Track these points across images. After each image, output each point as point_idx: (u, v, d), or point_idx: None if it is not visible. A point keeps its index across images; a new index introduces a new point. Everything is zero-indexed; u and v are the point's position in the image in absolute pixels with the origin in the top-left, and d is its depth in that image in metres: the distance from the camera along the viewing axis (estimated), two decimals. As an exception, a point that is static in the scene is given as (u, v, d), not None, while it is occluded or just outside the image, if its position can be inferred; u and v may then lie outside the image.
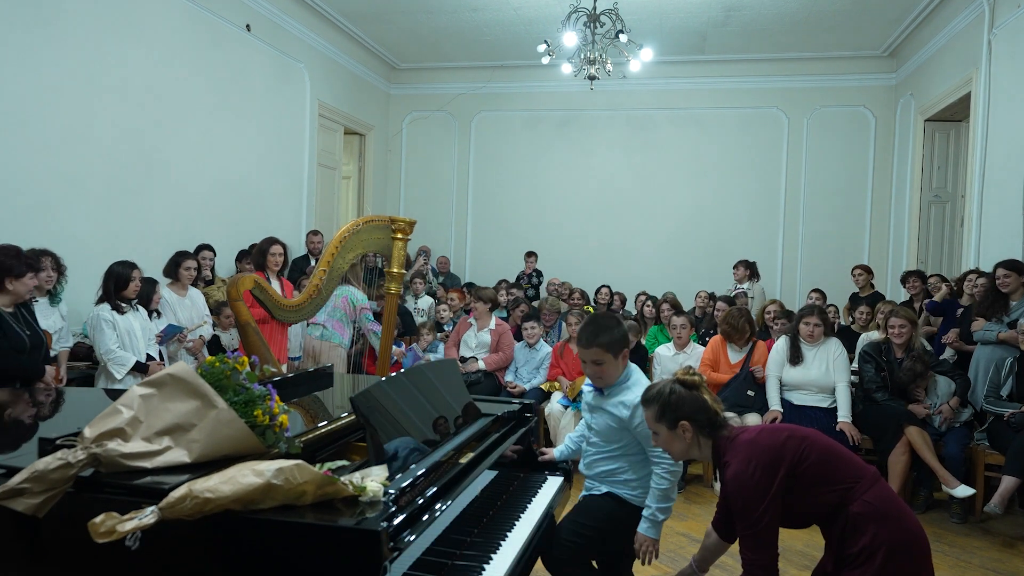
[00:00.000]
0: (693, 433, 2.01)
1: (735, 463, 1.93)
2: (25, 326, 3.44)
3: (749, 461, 1.91)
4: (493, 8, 7.57)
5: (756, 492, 1.88)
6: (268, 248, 4.80)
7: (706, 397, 2.03)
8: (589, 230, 9.40)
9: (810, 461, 1.92)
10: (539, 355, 5.49)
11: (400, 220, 3.60)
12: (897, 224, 8.42)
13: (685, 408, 2.00)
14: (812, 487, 1.92)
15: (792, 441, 1.94)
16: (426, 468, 1.77)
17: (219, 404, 1.60)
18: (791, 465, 1.91)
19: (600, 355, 2.28)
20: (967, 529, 4.12)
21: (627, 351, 2.34)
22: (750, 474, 1.89)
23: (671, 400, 2.02)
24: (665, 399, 2.02)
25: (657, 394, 2.04)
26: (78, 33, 4.94)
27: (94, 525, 1.36)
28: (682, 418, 2.00)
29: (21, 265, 3.32)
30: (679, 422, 2.01)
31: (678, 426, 2.01)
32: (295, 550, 1.39)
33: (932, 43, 7.31)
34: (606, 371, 2.30)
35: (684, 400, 2.01)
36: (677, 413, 2.01)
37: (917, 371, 4.39)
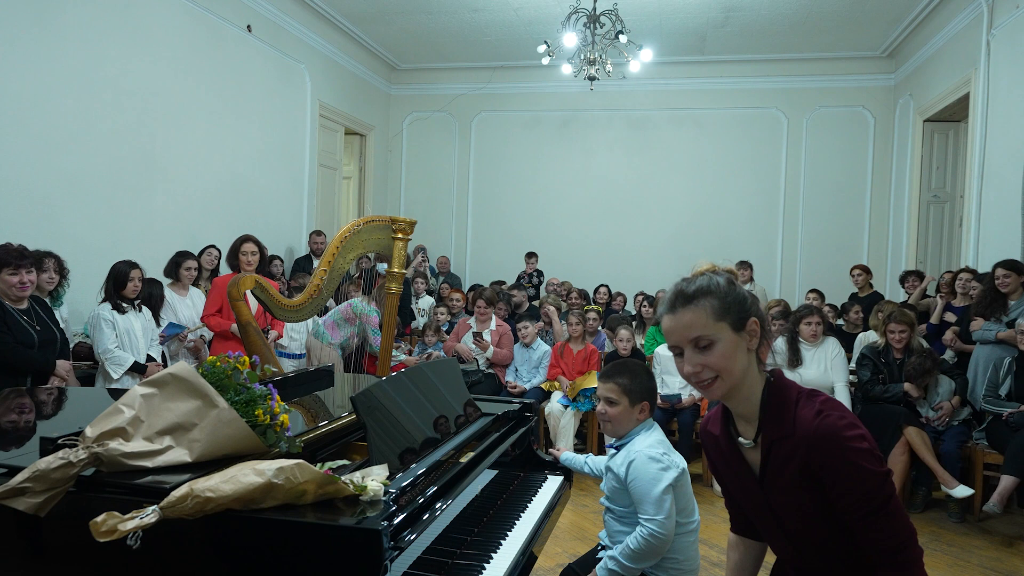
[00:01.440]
0: (757, 339, 1.40)
1: (831, 413, 1.33)
2: (36, 321, 3.48)
3: (847, 420, 1.33)
4: (493, 9, 7.58)
5: (871, 453, 1.30)
6: (239, 247, 4.62)
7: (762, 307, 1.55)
8: (589, 230, 9.41)
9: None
10: (536, 354, 5.50)
11: (401, 220, 3.60)
12: (896, 224, 8.43)
13: (751, 305, 1.40)
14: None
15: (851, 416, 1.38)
16: (426, 467, 1.78)
17: (220, 404, 1.61)
18: None
19: (615, 394, 2.15)
20: (965, 528, 4.12)
21: (647, 405, 2.18)
22: (859, 429, 1.31)
23: (734, 291, 1.39)
24: (724, 289, 1.39)
25: (708, 283, 1.40)
26: (79, 34, 4.95)
27: (95, 524, 1.36)
28: (753, 315, 1.39)
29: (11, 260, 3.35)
30: (748, 320, 1.38)
31: (747, 325, 1.38)
32: (296, 549, 1.40)
33: (931, 44, 7.32)
34: (617, 415, 2.17)
35: (750, 300, 1.41)
36: (744, 307, 1.38)
37: (927, 367, 4.41)
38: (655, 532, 2.01)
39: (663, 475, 2.08)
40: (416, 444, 1.93)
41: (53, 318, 3.73)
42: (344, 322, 5.15)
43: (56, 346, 3.63)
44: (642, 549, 2.03)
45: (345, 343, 5.22)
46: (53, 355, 3.57)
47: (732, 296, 1.39)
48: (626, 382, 2.16)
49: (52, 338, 3.60)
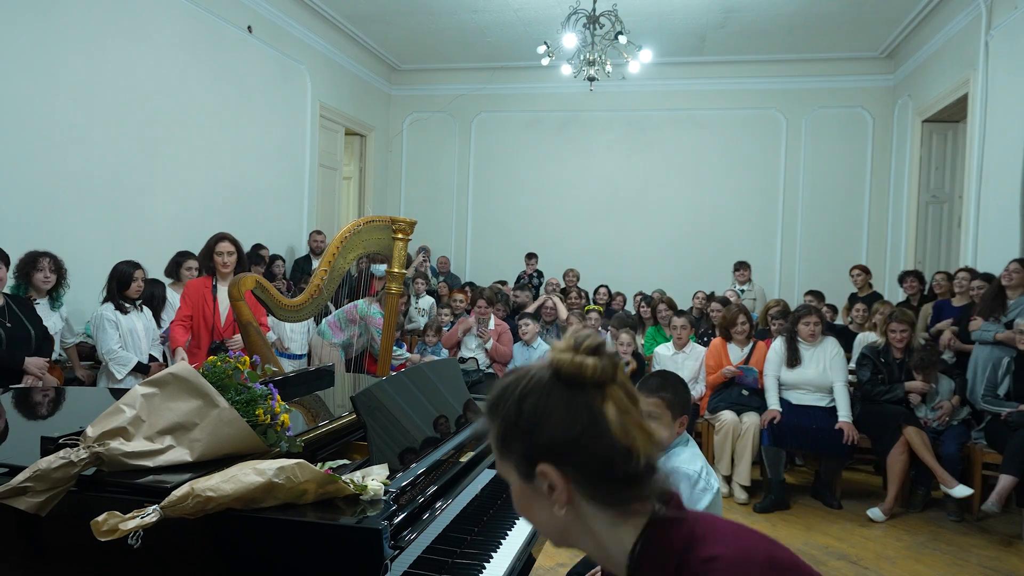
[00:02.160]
0: (568, 495, 0.91)
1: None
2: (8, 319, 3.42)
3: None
4: (493, 9, 7.58)
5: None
6: (214, 246, 4.06)
7: (627, 420, 0.89)
8: (588, 230, 9.41)
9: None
10: (536, 353, 5.51)
11: (401, 220, 3.61)
12: (895, 224, 8.43)
13: (549, 432, 0.89)
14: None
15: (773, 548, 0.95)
16: (427, 467, 1.78)
17: (221, 403, 1.61)
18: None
19: (659, 408, 2.08)
20: (964, 527, 4.13)
21: (686, 418, 2.15)
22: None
23: (522, 407, 0.91)
24: (510, 404, 0.93)
25: (502, 390, 0.95)
26: (80, 34, 4.95)
27: (96, 524, 1.37)
28: (543, 456, 0.90)
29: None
30: (536, 463, 0.91)
31: (536, 472, 0.91)
32: (296, 549, 1.40)
33: (930, 44, 7.33)
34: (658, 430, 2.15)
35: (552, 412, 0.90)
36: (534, 439, 0.91)
37: (932, 359, 4.45)
38: None
39: (701, 496, 2.03)
40: (416, 444, 1.94)
41: (33, 316, 3.66)
42: (348, 323, 5.16)
43: (31, 344, 3.54)
44: None
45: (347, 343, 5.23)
46: (25, 353, 3.49)
47: (518, 417, 0.91)
48: (670, 396, 2.11)
49: (25, 336, 3.51)
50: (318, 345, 5.14)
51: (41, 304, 4.13)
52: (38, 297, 4.11)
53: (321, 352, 5.11)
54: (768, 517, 4.28)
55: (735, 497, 4.58)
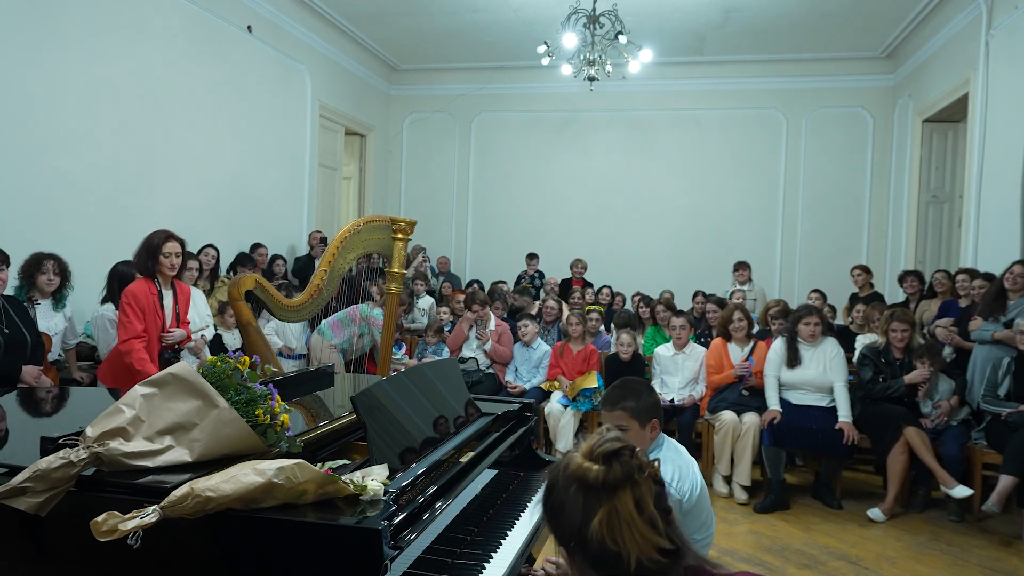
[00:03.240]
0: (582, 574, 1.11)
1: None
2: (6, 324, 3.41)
3: None
4: (493, 9, 7.58)
5: None
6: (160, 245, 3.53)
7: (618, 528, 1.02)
8: (588, 230, 9.41)
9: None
10: (536, 354, 5.51)
11: (401, 220, 3.62)
12: (895, 224, 8.43)
13: (564, 525, 1.09)
14: None
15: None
16: (427, 467, 1.78)
17: (220, 403, 1.61)
18: None
19: (624, 420, 2.08)
20: (965, 528, 4.13)
21: (657, 421, 2.14)
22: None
23: (551, 499, 1.13)
24: (545, 494, 1.16)
25: (551, 473, 1.16)
26: (80, 34, 4.95)
27: (96, 524, 1.37)
28: (561, 541, 1.12)
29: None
30: (560, 544, 1.14)
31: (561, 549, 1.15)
32: (296, 549, 1.40)
33: (930, 44, 7.33)
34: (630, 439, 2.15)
35: (565, 510, 1.08)
36: (554, 526, 1.13)
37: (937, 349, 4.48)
38: None
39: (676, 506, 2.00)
40: (416, 444, 1.93)
41: (28, 321, 3.63)
42: (349, 323, 5.15)
43: (27, 350, 3.50)
44: None
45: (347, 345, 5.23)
46: (22, 359, 3.46)
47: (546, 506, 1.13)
48: (633, 405, 2.10)
49: (22, 342, 3.47)
50: (318, 345, 5.14)
51: (43, 305, 4.13)
52: (40, 299, 4.11)
53: (321, 353, 5.10)
54: (768, 517, 4.28)
55: (735, 497, 4.58)
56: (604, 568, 1.02)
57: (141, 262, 3.57)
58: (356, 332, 5.18)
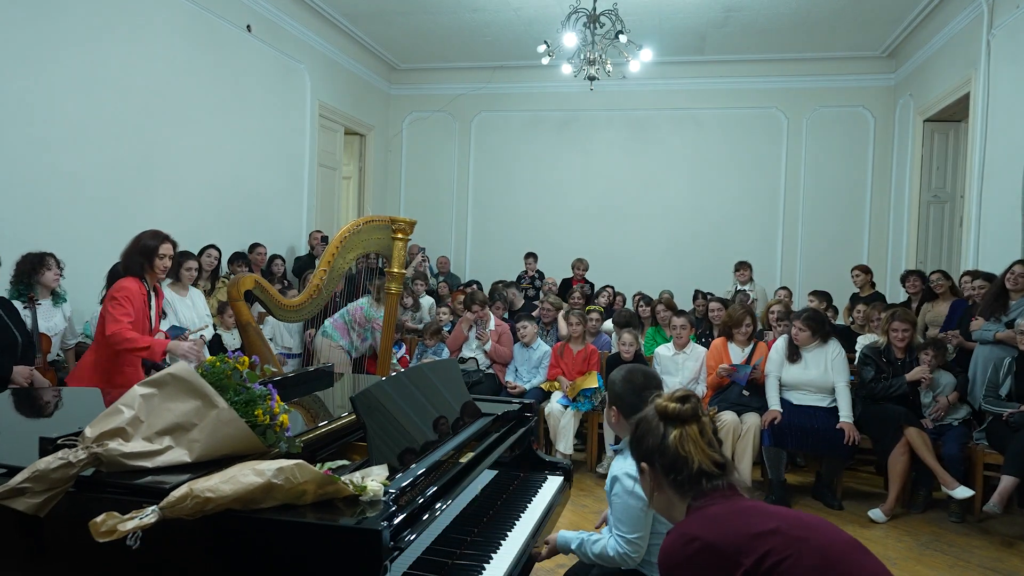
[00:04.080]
0: (654, 483, 1.50)
1: (670, 535, 1.39)
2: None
3: (689, 540, 1.33)
4: (493, 8, 7.58)
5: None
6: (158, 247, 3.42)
7: (687, 442, 1.46)
8: (589, 230, 9.40)
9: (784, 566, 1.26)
10: (536, 354, 5.50)
11: (400, 220, 3.62)
12: (896, 224, 8.43)
13: (646, 444, 1.50)
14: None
15: (774, 539, 1.28)
16: (426, 467, 1.78)
17: (220, 404, 1.61)
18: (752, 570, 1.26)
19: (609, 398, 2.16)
20: (966, 528, 4.12)
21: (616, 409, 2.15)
22: (680, 558, 1.33)
23: (638, 429, 1.54)
24: (634, 424, 1.56)
25: (635, 420, 1.58)
26: (79, 33, 4.94)
27: (95, 524, 1.36)
28: (642, 458, 1.52)
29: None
30: (640, 461, 1.53)
31: (640, 466, 1.53)
32: (296, 549, 1.40)
33: (931, 44, 7.32)
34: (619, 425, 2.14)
35: (649, 433, 1.50)
36: (638, 449, 1.53)
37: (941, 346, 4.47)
38: (626, 551, 1.97)
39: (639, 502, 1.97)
40: (416, 444, 1.93)
41: (17, 320, 3.63)
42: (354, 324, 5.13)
43: (17, 351, 3.49)
44: (611, 558, 2.01)
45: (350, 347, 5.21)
46: (12, 360, 3.45)
47: (634, 434, 1.55)
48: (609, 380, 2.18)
49: (12, 342, 3.47)
50: (324, 347, 5.10)
51: (43, 305, 4.13)
52: (42, 298, 4.10)
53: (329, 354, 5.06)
54: (769, 517, 4.27)
55: (736, 497, 4.58)
56: (675, 471, 1.44)
57: (132, 262, 3.40)
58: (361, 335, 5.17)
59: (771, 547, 1.27)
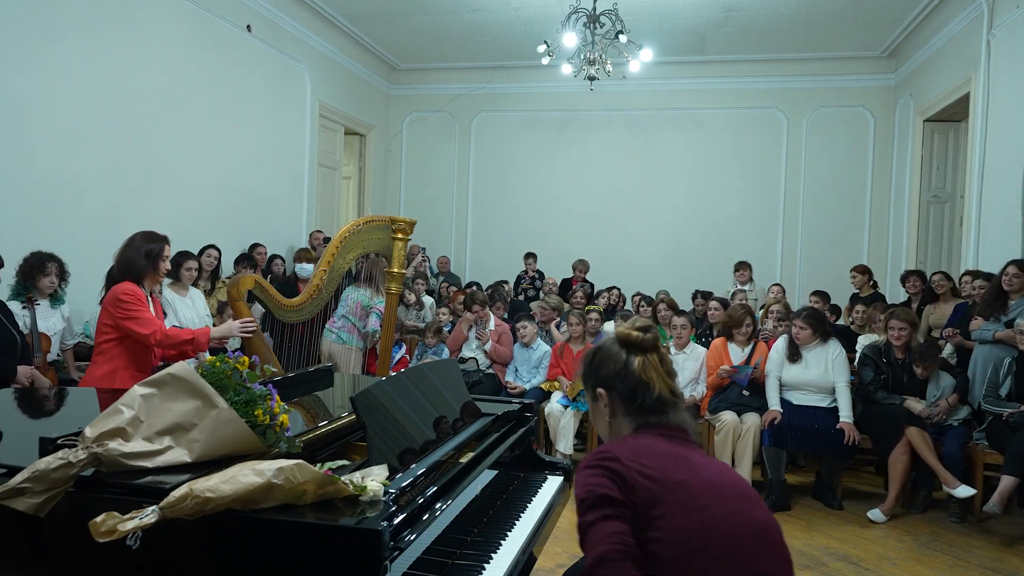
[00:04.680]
0: (610, 409, 1.51)
1: (600, 447, 1.43)
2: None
3: (609, 457, 1.36)
4: (493, 8, 7.58)
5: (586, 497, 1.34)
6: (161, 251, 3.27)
7: (649, 368, 1.48)
8: (588, 230, 9.41)
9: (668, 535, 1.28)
10: (536, 354, 5.50)
11: (400, 220, 3.61)
12: (896, 224, 8.43)
13: (606, 370, 1.51)
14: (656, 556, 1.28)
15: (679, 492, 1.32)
16: (426, 467, 1.78)
17: (220, 404, 1.60)
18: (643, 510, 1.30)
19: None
20: (966, 529, 4.12)
21: None
22: (587, 472, 1.37)
23: (596, 356, 1.55)
24: (591, 353, 1.57)
25: (591, 350, 1.59)
26: (79, 34, 4.95)
27: (95, 524, 1.36)
28: (599, 384, 1.52)
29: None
30: (596, 388, 1.53)
31: (596, 393, 1.54)
32: (295, 549, 1.40)
33: (931, 44, 7.32)
34: None
35: (610, 360, 1.51)
36: (596, 375, 1.53)
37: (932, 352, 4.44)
38: None
39: None
40: (416, 444, 1.93)
41: (12, 321, 3.65)
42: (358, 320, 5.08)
43: (16, 351, 3.52)
44: None
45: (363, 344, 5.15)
46: (13, 360, 3.48)
47: (592, 361, 1.57)
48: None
49: (11, 341, 3.50)
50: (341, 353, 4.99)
51: (42, 305, 4.13)
52: (39, 298, 4.10)
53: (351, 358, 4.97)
54: (769, 517, 4.27)
55: (736, 497, 4.58)
56: (635, 397, 1.47)
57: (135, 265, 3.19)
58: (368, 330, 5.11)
59: (669, 501, 1.30)
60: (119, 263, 3.17)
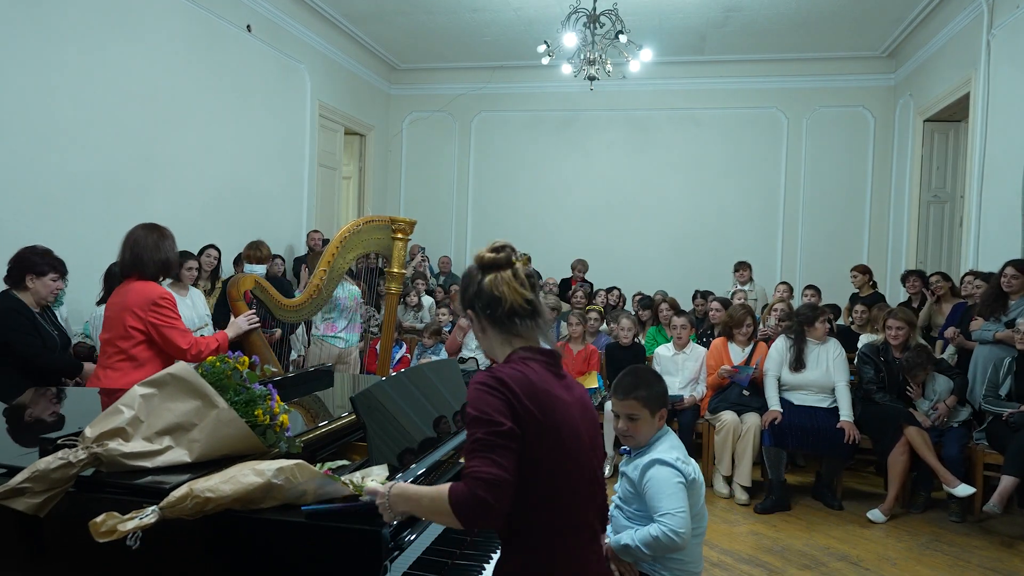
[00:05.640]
0: (479, 326, 1.63)
1: (486, 370, 1.54)
2: (52, 326, 3.53)
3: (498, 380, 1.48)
4: (493, 9, 7.58)
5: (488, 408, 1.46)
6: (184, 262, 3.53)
7: (501, 284, 1.59)
8: (589, 230, 9.41)
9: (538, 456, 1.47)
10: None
11: (400, 220, 3.61)
12: (896, 224, 8.43)
13: (469, 292, 1.62)
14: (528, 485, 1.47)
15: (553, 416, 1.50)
16: (426, 467, 1.78)
17: (220, 404, 1.61)
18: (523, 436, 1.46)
19: (636, 409, 2.08)
20: (966, 528, 4.12)
21: (665, 411, 2.13)
22: (484, 390, 1.48)
23: (462, 282, 1.67)
24: (461, 278, 1.69)
25: (464, 273, 1.70)
26: (78, 34, 4.94)
27: (95, 524, 1.36)
28: (467, 306, 1.64)
29: (44, 264, 3.39)
30: (466, 310, 1.65)
31: (467, 315, 1.66)
32: (295, 549, 1.40)
33: (931, 43, 7.32)
34: (640, 428, 2.09)
35: (471, 282, 1.63)
36: (463, 297, 1.65)
37: (918, 361, 4.39)
38: (674, 528, 1.94)
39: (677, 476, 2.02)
40: (416, 444, 1.93)
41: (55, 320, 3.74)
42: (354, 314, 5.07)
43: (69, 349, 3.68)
44: (660, 541, 1.95)
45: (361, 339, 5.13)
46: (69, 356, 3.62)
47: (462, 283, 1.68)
48: (645, 394, 2.09)
49: (67, 342, 3.66)
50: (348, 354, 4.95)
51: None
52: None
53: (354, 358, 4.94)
54: (769, 518, 4.27)
55: (736, 498, 4.58)
56: (491, 309, 1.58)
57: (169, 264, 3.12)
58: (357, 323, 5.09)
59: (544, 444, 1.47)
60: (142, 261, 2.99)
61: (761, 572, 3.50)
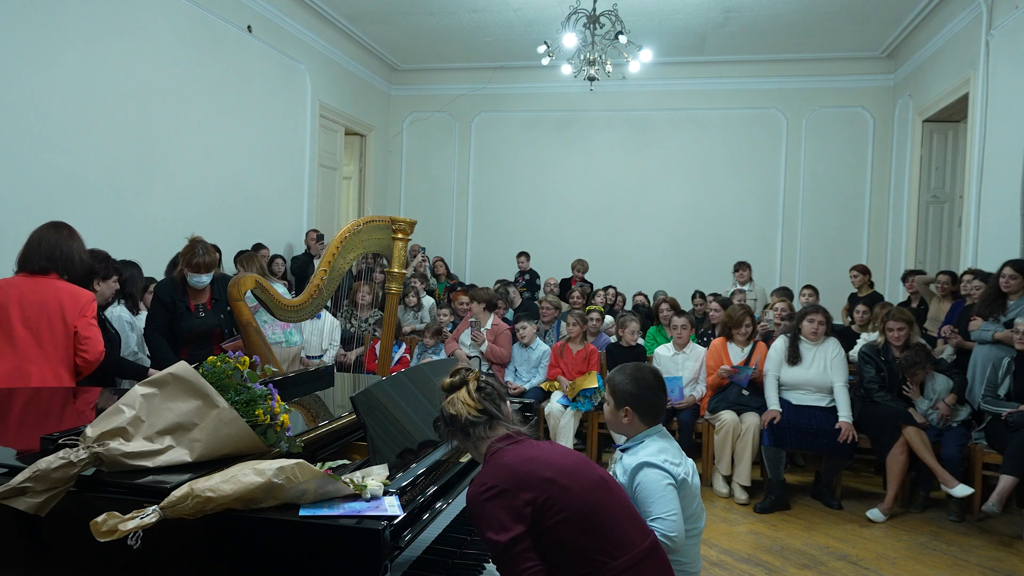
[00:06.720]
0: (460, 439, 1.83)
1: (473, 484, 1.70)
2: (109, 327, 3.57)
3: (488, 488, 1.65)
4: (493, 9, 7.58)
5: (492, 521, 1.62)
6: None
7: (456, 403, 1.79)
8: (588, 230, 9.42)
9: (560, 518, 1.64)
10: (535, 354, 5.50)
11: (401, 220, 3.62)
12: (895, 224, 8.43)
13: (444, 415, 1.83)
14: (559, 550, 1.64)
15: (551, 487, 1.65)
16: (426, 467, 1.78)
17: (220, 403, 1.61)
18: (538, 512, 1.63)
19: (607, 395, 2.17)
20: (965, 528, 4.13)
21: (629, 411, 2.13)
22: (481, 500, 1.64)
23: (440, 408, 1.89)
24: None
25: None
26: (79, 34, 4.95)
27: (96, 524, 1.37)
28: (446, 428, 1.86)
29: (108, 268, 3.48)
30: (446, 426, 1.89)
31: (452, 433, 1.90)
32: (296, 549, 1.40)
33: (930, 44, 7.33)
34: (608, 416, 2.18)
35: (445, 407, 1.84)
36: (442, 418, 1.87)
37: (916, 360, 4.39)
38: (665, 532, 1.94)
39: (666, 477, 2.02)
40: (416, 444, 1.93)
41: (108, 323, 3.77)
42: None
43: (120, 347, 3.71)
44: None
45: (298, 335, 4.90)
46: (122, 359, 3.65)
47: None
48: (613, 385, 2.14)
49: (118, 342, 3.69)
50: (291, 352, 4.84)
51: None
52: None
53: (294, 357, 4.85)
54: (768, 517, 4.28)
55: (735, 498, 4.58)
56: (451, 425, 1.78)
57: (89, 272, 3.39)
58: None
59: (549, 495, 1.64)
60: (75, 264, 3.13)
61: (760, 571, 3.51)
